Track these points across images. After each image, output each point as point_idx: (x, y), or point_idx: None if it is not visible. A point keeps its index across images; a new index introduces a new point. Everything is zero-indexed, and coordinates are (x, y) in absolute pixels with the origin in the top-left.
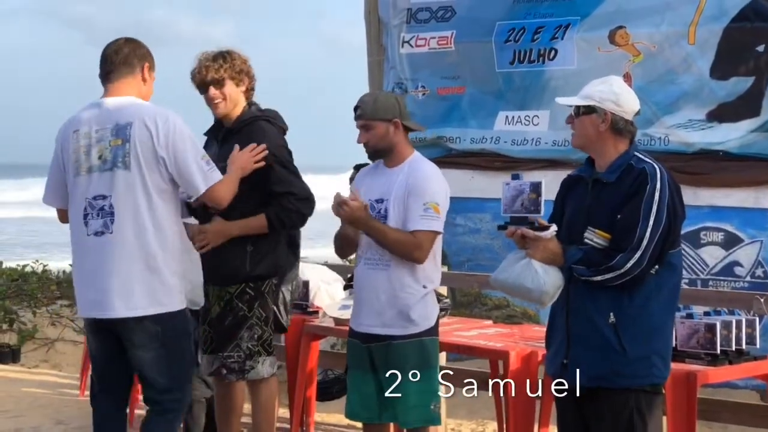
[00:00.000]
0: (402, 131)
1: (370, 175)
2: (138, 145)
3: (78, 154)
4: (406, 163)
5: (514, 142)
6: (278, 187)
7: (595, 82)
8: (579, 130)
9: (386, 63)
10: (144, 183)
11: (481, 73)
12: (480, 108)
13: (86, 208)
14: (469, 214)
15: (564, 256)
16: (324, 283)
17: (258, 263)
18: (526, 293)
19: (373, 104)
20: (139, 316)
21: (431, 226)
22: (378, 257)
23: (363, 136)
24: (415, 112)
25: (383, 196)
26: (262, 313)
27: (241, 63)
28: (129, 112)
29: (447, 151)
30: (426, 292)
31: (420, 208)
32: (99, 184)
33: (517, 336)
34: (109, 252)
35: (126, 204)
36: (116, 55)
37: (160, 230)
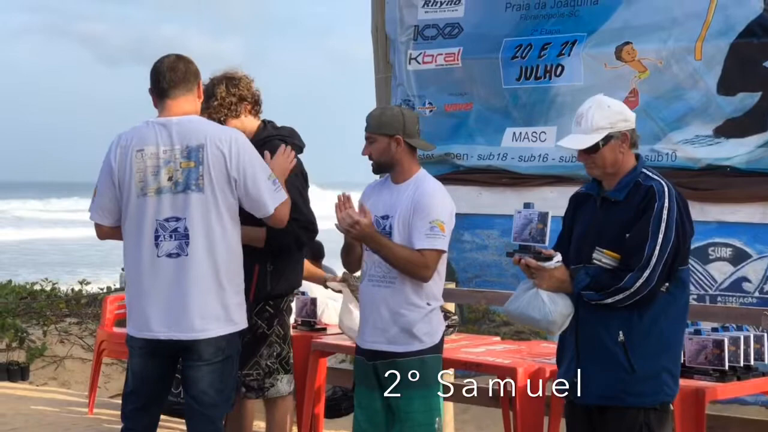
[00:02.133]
0: (406, 148)
1: (377, 191)
2: (212, 168)
3: (144, 174)
4: (412, 180)
5: (522, 159)
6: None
7: (587, 112)
8: (601, 161)
9: (393, 79)
10: (217, 205)
11: (488, 90)
12: (487, 124)
13: (158, 229)
14: (476, 230)
15: (572, 283)
16: (332, 300)
17: (278, 282)
18: (534, 323)
19: (378, 118)
20: (216, 336)
21: (436, 245)
22: (382, 274)
23: (366, 148)
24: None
25: (388, 212)
26: (281, 331)
27: (234, 90)
28: (198, 133)
29: (454, 168)
30: (430, 309)
31: (425, 227)
32: (171, 205)
33: (525, 352)
34: (185, 274)
35: (201, 226)
36: (174, 73)
37: (231, 252)
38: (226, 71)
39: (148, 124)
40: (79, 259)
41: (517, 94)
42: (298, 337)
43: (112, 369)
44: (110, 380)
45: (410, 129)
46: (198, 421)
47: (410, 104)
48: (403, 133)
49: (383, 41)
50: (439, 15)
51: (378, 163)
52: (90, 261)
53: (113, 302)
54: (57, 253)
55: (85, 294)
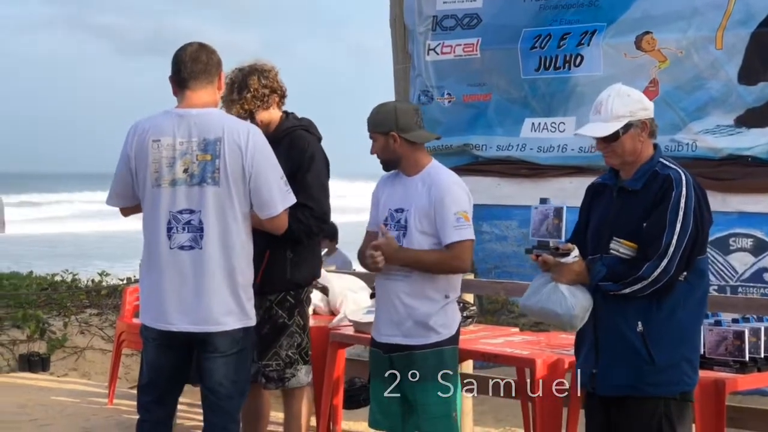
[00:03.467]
0: (404, 142)
1: (390, 184)
2: (228, 162)
3: (159, 164)
4: (424, 172)
5: (541, 149)
6: (300, 196)
7: (607, 100)
8: (620, 149)
9: (412, 70)
10: (231, 199)
11: (507, 80)
12: (506, 115)
13: (171, 221)
14: (495, 221)
15: (589, 275)
16: (351, 291)
17: (298, 270)
18: (555, 318)
19: (373, 117)
20: (232, 329)
21: (466, 236)
22: (397, 267)
23: (372, 147)
24: (441, 119)
25: (403, 205)
26: (301, 321)
27: (265, 82)
28: (215, 126)
29: (473, 159)
30: (448, 301)
31: (452, 220)
32: (186, 198)
33: (544, 343)
34: (199, 267)
35: (216, 220)
36: (195, 63)
37: (243, 246)
38: (255, 62)
39: (166, 114)
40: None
41: (536, 84)
42: (315, 327)
43: (132, 360)
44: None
45: (405, 123)
46: (215, 414)
47: (429, 95)
48: (397, 128)
49: (401, 32)
50: (457, 5)
51: (383, 161)
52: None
53: (133, 293)
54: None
55: (105, 285)
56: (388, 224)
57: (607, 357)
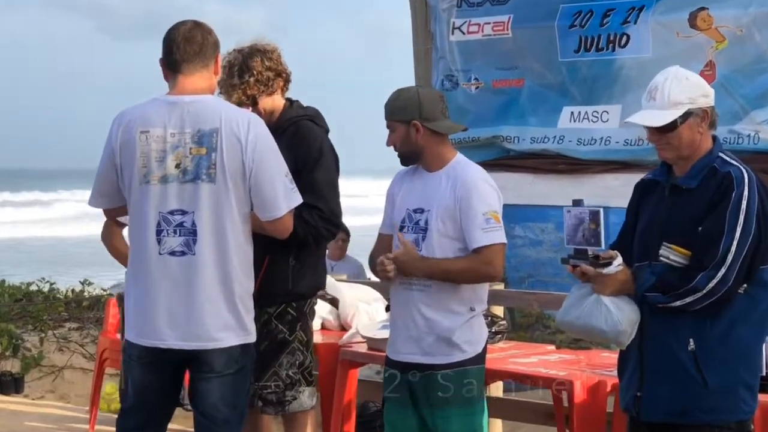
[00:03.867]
0: (428, 133)
1: (408, 180)
2: (226, 157)
3: (147, 159)
4: (448, 168)
5: (581, 142)
6: (308, 196)
7: (663, 84)
8: (677, 141)
9: (434, 52)
10: (229, 198)
11: (543, 63)
12: (541, 103)
13: (160, 223)
14: (529, 223)
15: (635, 283)
16: (364, 303)
17: (301, 279)
18: (600, 335)
19: (392, 103)
20: (229, 346)
21: (496, 239)
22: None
23: (389, 137)
24: (467, 107)
25: (423, 205)
26: (304, 337)
27: (269, 64)
28: (212, 115)
29: (504, 153)
30: (473, 314)
31: (481, 222)
32: (178, 196)
33: (584, 363)
34: (193, 275)
35: (211, 222)
36: (188, 44)
37: (242, 252)
38: (255, 42)
39: (156, 102)
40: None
41: (576, 67)
42: (323, 345)
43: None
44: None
45: (429, 111)
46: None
47: (453, 80)
48: (420, 116)
49: (423, 8)
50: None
51: (402, 154)
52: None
53: (117, 305)
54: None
55: (86, 296)
56: (405, 226)
57: (653, 378)
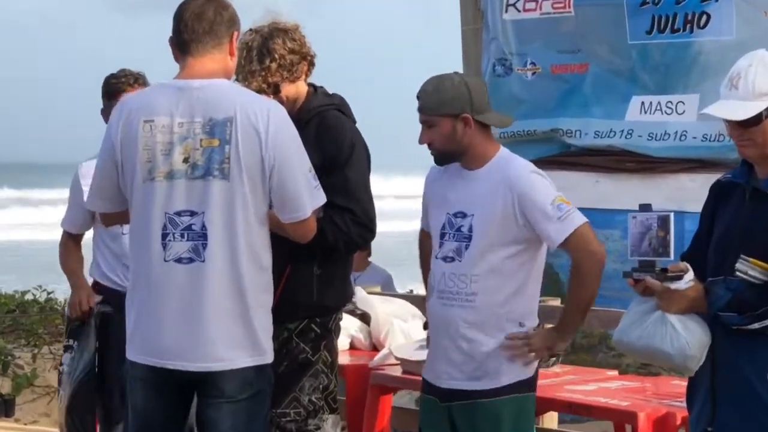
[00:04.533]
0: (477, 127)
1: (444, 178)
2: (242, 150)
3: (152, 152)
4: (491, 165)
5: (652, 137)
6: (339, 197)
7: (747, 71)
8: (761, 137)
9: (485, 32)
10: (245, 198)
11: (609, 46)
12: (607, 91)
13: (166, 225)
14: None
15: (707, 301)
16: (399, 320)
17: (326, 291)
18: (664, 359)
19: (435, 95)
20: (243, 368)
21: (578, 221)
22: (457, 289)
23: (425, 134)
24: (522, 96)
25: (465, 208)
26: (328, 357)
27: (292, 46)
28: (226, 101)
29: (563, 148)
30: (524, 330)
31: (553, 213)
32: (186, 195)
33: (650, 392)
34: (201, 286)
35: (223, 224)
36: (198, 21)
37: (257, 259)
38: (274, 21)
39: (162, 88)
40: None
41: (648, 51)
42: (352, 366)
43: None
44: None
45: (479, 102)
46: None
47: (507, 65)
48: (472, 109)
49: None
50: None
51: (443, 153)
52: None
53: None
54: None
55: None
56: (446, 233)
57: (726, 410)
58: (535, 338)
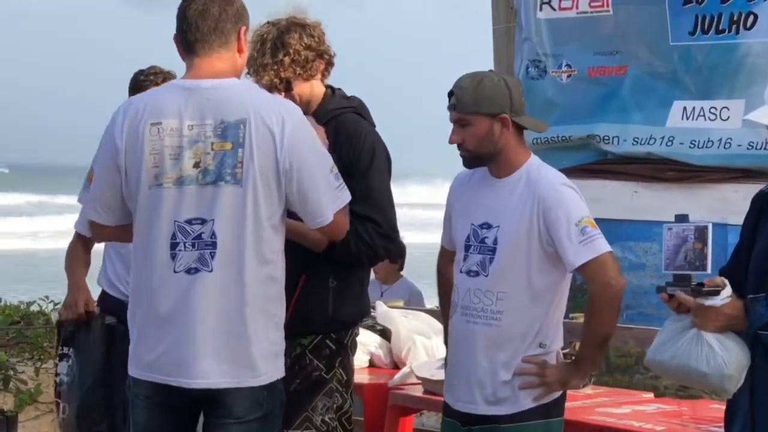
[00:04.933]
0: (514, 130)
1: (470, 187)
2: (256, 153)
3: (161, 156)
4: (521, 173)
5: (695, 144)
6: (360, 206)
7: None
8: None
9: (518, 32)
10: (257, 205)
11: (650, 47)
12: (647, 96)
13: (176, 234)
14: (630, 243)
15: (747, 319)
16: (421, 336)
17: (342, 304)
18: (699, 379)
19: (473, 91)
20: (253, 386)
21: (600, 248)
22: (481, 306)
23: (457, 134)
24: (556, 100)
25: (491, 219)
26: (344, 375)
27: (309, 42)
28: (238, 103)
29: (600, 156)
30: (547, 351)
31: (576, 235)
32: (197, 202)
33: (687, 416)
34: (208, 297)
35: (234, 233)
36: (202, 19)
37: (268, 270)
38: (292, 14)
39: (170, 88)
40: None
41: (691, 53)
42: (370, 386)
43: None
44: None
45: (518, 103)
46: None
47: (541, 66)
48: (511, 110)
49: None
50: None
51: (475, 155)
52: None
53: None
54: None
55: None
56: (470, 245)
57: None
58: (550, 371)
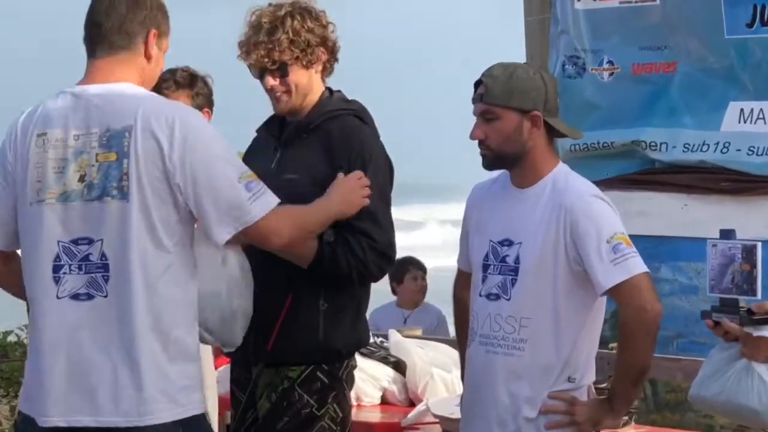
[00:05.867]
0: (544, 132)
1: (490, 198)
2: (142, 163)
3: (43, 170)
4: (547, 182)
5: (753, 151)
6: (357, 219)
7: None
8: None
9: (553, 25)
10: (150, 221)
11: (702, 42)
12: (699, 96)
13: (59, 255)
14: (680, 262)
15: None
16: (439, 368)
17: (335, 330)
18: (751, 417)
19: (505, 82)
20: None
21: (635, 268)
22: (503, 333)
23: (480, 128)
24: (597, 101)
25: (512, 235)
26: (338, 413)
27: (312, 26)
28: (125, 109)
29: (646, 164)
30: (576, 386)
31: (607, 252)
32: (83, 220)
33: None
34: (103, 325)
35: (125, 253)
36: (107, 17)
37: (171, 292)
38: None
39: (59, 95)
40: None
41: (748, 48)
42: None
43: None
44: None
45: (553, 103)
46: None
47: (579, 63)
48: (545, 107)
49: None
50: None
51: (498, 154)
52: None
53: None
54: None
55: None
56: (489, 265)
57: None
58: (580, 409)
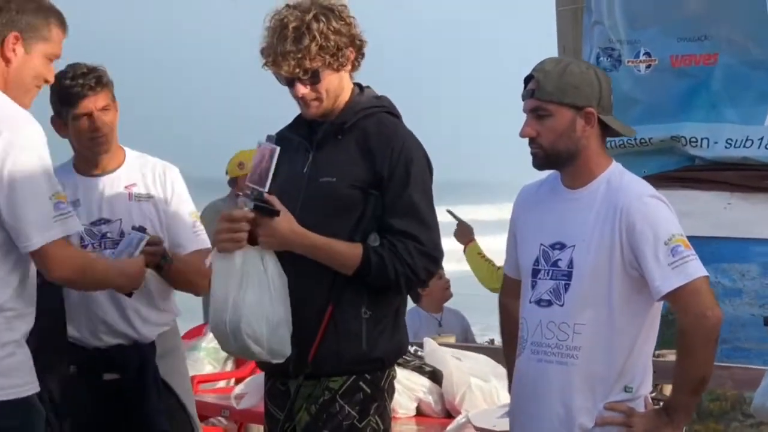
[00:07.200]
0: (597, 130)
1: (537, 201)
2: None
3: None
4: (600, 182)
5: None
6: (400, 221)
7: None
8: None
9: (587, 15)
10: None
11: (746, 32)
12: (742, 90)
13: None
14: (723, 264)
15: None
16: (478, 378)
17: (378, 339)
18: None
19: (558, 78)
20: None
21: (694, 272)
22: (556, 341)
23: (531, 125)
24: (634, 95)
25: (565, 238)
26: (380, 425)
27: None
28: None
29: (687, 161)
30: (632, 397)
31: (665, 255)
32: None
33: None
34: None
35: None
36: None
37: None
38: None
39: None
40: None
41: None
42: None
43: None
44: None
45: (607, 100)
46: None
47: (614, 55)
48: (599, 104)
49: None
50: None
51: (550, 153)
52: None
53: None
54: None
55: None
56: (540, 270)
57: None
58: (638, 420)
